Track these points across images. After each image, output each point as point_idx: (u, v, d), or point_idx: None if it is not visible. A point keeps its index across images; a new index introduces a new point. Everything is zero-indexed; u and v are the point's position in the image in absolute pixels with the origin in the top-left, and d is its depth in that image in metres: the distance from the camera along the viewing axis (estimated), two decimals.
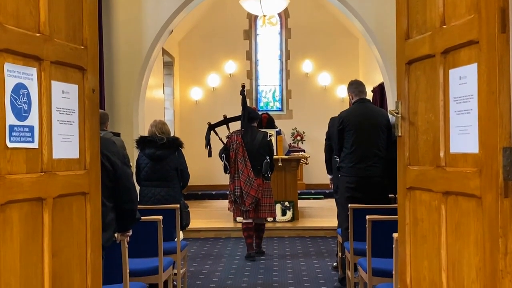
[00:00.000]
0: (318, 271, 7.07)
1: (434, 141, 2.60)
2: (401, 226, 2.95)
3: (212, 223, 10.13)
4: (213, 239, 9.35)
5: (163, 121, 6.30)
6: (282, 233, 9.57)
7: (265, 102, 15.67)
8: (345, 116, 5.97)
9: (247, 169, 7.75)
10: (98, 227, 2.91)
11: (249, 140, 7.82)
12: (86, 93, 2.83)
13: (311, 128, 14.71)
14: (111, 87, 8.75)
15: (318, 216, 10.67)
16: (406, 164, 2.86)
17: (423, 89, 2.71)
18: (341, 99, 14.65)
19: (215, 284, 6.49)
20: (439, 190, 2.56)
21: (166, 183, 6.03)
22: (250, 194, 7.70)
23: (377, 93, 11.60)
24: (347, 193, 5.85)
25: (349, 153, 5.86)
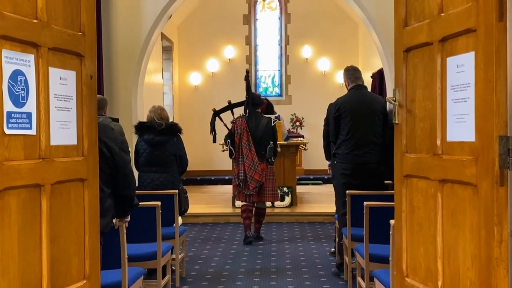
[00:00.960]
0: (316, 256, 7.11)
1: (431, 129, 2.61)
2: (397, 214, 2.96)
3: (211, 208, 10.16)
4: (212, 224, 9.38)
5: (162, 107, 6.29)
6: (280, 218, 9.60)
7: (264, 87, 15.65)
8: (341, 103, 5.97)
9: (251, 154, 7.80)
10: (96, 213, 2.93)
11: (253, 125, 7.86)
12: (84, 79, 2.83)
13: (310, 114, 14.71)
14: (110, 72, 8.74)
15: (317, 202, 10.70)
16: (403, 151, 2.87)
17: (420, 77, 2.71)
18: (341, 85, 14.61)
19: (213, 269, 6.53)
20: (436, 178, 2.57)
21: (165, 169, 6.05)
22: (254, 178, 7.76)
23: (376, 79, 11.59)
24: (343, 179, 5.87)
25: (345, 139, 5.87)
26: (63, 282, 2.67)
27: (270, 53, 15.59)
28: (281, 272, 6.38)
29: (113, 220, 3.72)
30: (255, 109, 7.99)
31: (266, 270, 6.45)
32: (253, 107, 7.98)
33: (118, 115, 8.24)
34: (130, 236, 4.25)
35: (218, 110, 8.51)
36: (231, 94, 11.76)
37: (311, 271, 6.38)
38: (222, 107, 8.62)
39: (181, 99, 15.05)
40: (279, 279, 6.08)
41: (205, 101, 14.15)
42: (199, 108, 14.47)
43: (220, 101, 9.21)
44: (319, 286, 5.81)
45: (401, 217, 2.92)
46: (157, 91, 12.83)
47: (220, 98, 11.85)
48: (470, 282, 2.37)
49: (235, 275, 6.27)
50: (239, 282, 5.98)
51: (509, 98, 2.15)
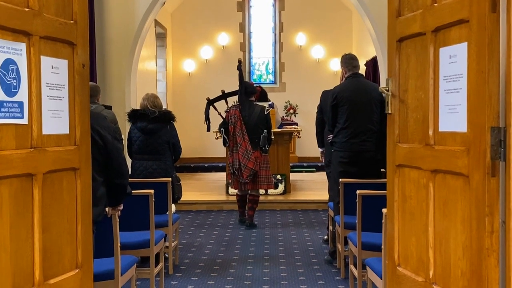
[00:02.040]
0: (309, 244, 7.13)
1: (424, 119, 2.61)
2: (389, 203, 2.97)
3: (205, 195, 10.17)
4: (205, 212, 9.39)
5: (155, 95, 6.28)
6: (274, 206, 9.62)
7: (258, 74, 15.63)
8: (339, 91, 5.95)
9: (245, 142, 7.87)
10: (88, 202, 2.92)
11: (247, 114, 7.92)
12: (76, 68, 2.82)
13: (304, 101, 14.71)
14: (103, 60, 8.70)
15: (310, 189, 10.72)
16: (395, 141, 2.87)
17: (413, 67, 2.71)
18: (334, 72, 14.61)
19: (206, 257, 6.54)
20: (428, 168, 2.57)
21: (158, 157, 6.04)
22: (247, 167, 7.82)
23: (370, 67, 11.58)
24: (341, 167, 5.87)
25: (342, 128, 5.86)
26: (55, 271, 2.67)
27: (264, 40, 15.54)
28: (274, 259, 6.40)
29: (106, 208, 3.71)
30: (249, 97, 8.04)
31: (259, 258, 6.47)
32: (246, 96, 8.03)
33: (111, 102, 8.21)
34: (123, 224, 4.25)
35: (212, 99, 8.57)
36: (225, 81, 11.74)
37: (304, 259, 6.41)
38: (215, 97, 8.66)
39: (174, 86, 15.01)
40: (272, 266, 6.11)
41: (199, 88, 14.12)
42: (193, 95, 14.44)
43: (214, 88, 9.19)
44: (312, 273, 5.83)
45: (393, 207, 2.93)
46: (151, 79, 12.78)
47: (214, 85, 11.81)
48: (461, 272, 2.38)
49: (228, 262, 6.29)
50: (232, 269, 6.00)
51: (501, 89, 2.15)
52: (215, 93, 8.98)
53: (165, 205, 5.69)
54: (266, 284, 5.48)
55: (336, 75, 14.16)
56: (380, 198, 4.39)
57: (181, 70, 15.12)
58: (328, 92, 6.46)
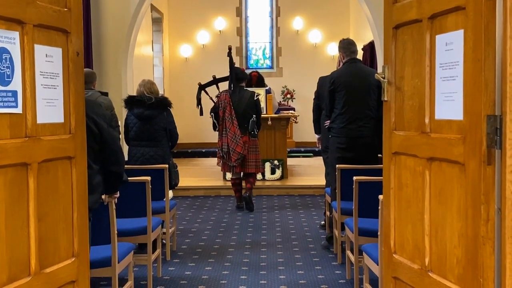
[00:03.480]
0: (306, 229, 7.15)
1: (420, 107, 2.60)
2: (385, 190, 2.97)
3: (202, 181, 10.18)
4: (203, 197, 9.41)
5: (152, 81, 6.26)
6: (271, 191, 9.63)
7: (255, 59, 15.59)
8: (336, 76, 5.94)
9: (233, 127, 7.98)
10: (84, 191, 2.92)
11: (236, 99, 8.04)
12: (70, 56, 2.80)
13: (301, 86, 14.68)
14: (99, 46, 8.66)
15: (307, 175, 10.73)
16: (391, 129, 2.87)
17: (410, 54, 2.69)
18: (332, 57, 14.57)
19: (204, 243, 6.56)
20: (424, 156, 2.57)
21: (155, 143, 6.05)
22: (236, 151, 7.96)
23: (367, 52, 11.55)
24: (338, 153, 5.87)
25: (340, 113, 5.86)
26: (51, 260, 2.67)
27: (261, 24, 15.49)
28: (271, 245, 6.42)
29: (102, 196, 3.72)
30: (239, 83, 8.16)
31: (256, 243, 6.49)
32: (237, 82, 8.15)
33: (107, 88, 8.20)
34: (120, 211, 4.26)
35: (203, 84, 8.62)
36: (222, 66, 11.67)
37: (301, 244, 6.43)
38: (207, 82, 8.69)
39: (171, 71, 14.97)
40: (269, 252, 6.13)
41: (196, 74, 14.07)
42: (189, 80, 14.38)
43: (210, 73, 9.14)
44: (309, 258, 5.85)
45: (389, 194, 2.93)
46: (147, 64, 12.75)
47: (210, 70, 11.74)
48: (456, 259, 2.39)
49: (225, 248, 6.31)
50: (229, 255, 6.02)
51: (497, 77, 2.14)
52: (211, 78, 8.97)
53: (162, 191, 5.69)
54: (263, 270, 5.50)
55: (333, 60, 14.11)
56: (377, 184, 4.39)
57: (178, 55, 15.07)
58: (325, 78, 6.45)
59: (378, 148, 5.84)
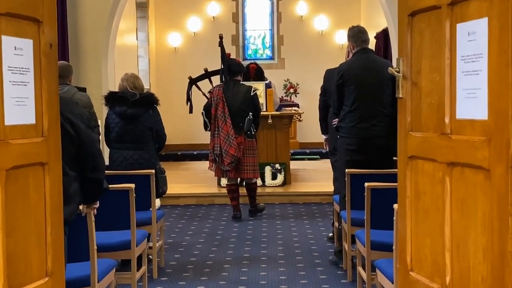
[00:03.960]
0: (312, 242, 7.16)
1: (439, 105, 2.61)
2: (401, 199, 2.98)
3: (193, 188, 10.19)
4: (194, 206, 9.42)
5: (136, 75, 6.27)
6: (272, 199, 9.64)
7: (254, 49, 15.60)
8: (345, 69, 5.94)
9: (226, 126, 8.02)
10: (59, 201, 2.92)
11: (230, 94, 8.08)
12: (43, 48, 2.80)
13: (306, 80, 14.69)
14: (75, 35, 8.67)
15: (313, 180, 10.75)
16: (407, 129, 2.88)
17: (427, 45, 2.70)
18: (340, 46, 14.59)
19: (196, 258, 6.56)
20: (444, 161, 2.58)
21: (140, 145, 6.05)
22: (229, 153, 7.98)
23: (381, 40, 11.56)
24: (347, 156, 5.87)
25: (350, 111, 5.86)
26: (21, 280, 2.67)
27: (260, 9, 15.50)
28: (273, 260, 6.43)
29: (80, 206, 3.72)
30: (233, 77, 8.20)
31: (255, 259, 6.49)
32: (230, 75, 8.18)
33: (85, 84, 8.20)
34: (100, 223, 4.25)
35: (194, 78, 8.64)
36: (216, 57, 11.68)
37: (306, 259, 6.43)
38: (198, 75, 8.71)
39: (158, 63, 14.98)
40: (270, 268, 6.13)
41: (186, 66, 14.07)
42: (179, 73, 14.37)
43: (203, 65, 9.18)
44: (315, 276, 5.86)
45: (405, 203, 2.94)
46: (131, 55, 12.76)
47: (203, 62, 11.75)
48: (481, 278, 2.39)
49: (220, 264, 6.32)
50: (225, 272, 6.03)
51: None
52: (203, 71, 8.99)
53: (148, 200, 5.70)
54: None
55: (342, 49, 14.10)
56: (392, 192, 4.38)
57: (166, 44, 15.08)
58: (332, 71, 6.45)
59: (393, 150, 5.84)
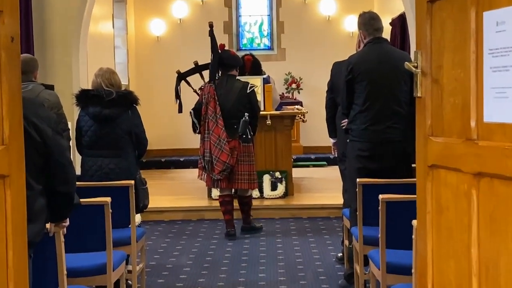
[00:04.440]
0: (318, 264, 7.18)
1: (464, 106, 2.62)
2: (420, 215, 2.98)
3: (180, 200, 10.19)
4: (181, 223, 9.42)
5: (112, 70, 6.28)
6: (271, 213, 9.64)
7: (249, 38, 15.62)
8: (355, 62, 5.96)
9: (218, 129, 8.06)
10: (22, 219, 2.91)
11: (223, 92, 8.13)
12: (3, 42, 2.80)
13: (311, 73, 14.71)
14: (42, 24, 8.67)
15: (320, 190, 10.76)
16: (427, 134, 2.88)
17: (450, 37, 2.70)
18: (350, 34, 14.62)
19: (183, 283, 6.58)
20: (469, 171, 2.58)
21: (117, 152, 6.06)
22: (220, 160, 8.01)
23: (397, 27, 11.58)
24: (359, 163, 5.88)
25: (361, 111, 5.87)
26: None
27: None
28: (272, 285, 6.44)
29: (47, 225, 3.72)
30: (227, 71, 8.27)
31: (252, 283, 6.51)
32: (224, 69, 8.27)
33: (53, 80, 8.20)
34: (70, 244, 4.26)
35: (183, 72, 8.65)
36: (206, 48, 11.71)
37: (311, 284, 6.45)
38: (187, 70, 8.73)
39: (138, 55, 14.98)
40: None
41: (171, 58, 14.10)
42: (163, 67, 14.41)
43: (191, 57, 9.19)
44: None
45: (425, 220, 2.94)
46: (106, 46, 12.76)
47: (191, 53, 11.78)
48: None
49: None
50: None
51: None
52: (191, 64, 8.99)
53: (126, 216, 5.70)
54: None
55: (352, 38, 14.12)
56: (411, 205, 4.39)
57: (147, 33, 15.10)
58: (341, 64, 6.48)
59: (412, 156, 5.85)
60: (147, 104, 7.72)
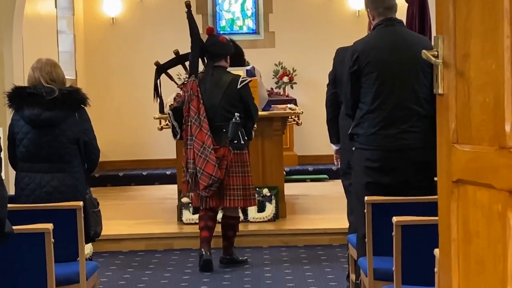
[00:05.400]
0: None
1: (496, 106, 2.62)
2: (443, 243, 2.99)
3: (143, 226, 10.16)
4: (144, 253, 9.38)
5: (54, 61, 6.27)
6: (258, 240, 9.62)
7: (229, 19, 15.64)
8: (362, 49, 5.96)
9: (202, 133, 8.03)
10: None
11: (208, 87, 8.15)
12: None
13: (307, 63, 14.73)
14: None
15: (319, 211, 10.76)
16: (451, 141, 2.89)
17: (478, 19, 2.72)
18: (356, 14, 14.66)
19: None
20: (504, 187, 2.59)
21: (61, 166, 6.04)
22: (205, 172, 7.97)
23: (415, 4, 11.59)
24: (368, 177, 5.89)
25: (369, 111, 5.88)
26: None
27: None
28: None
29: None
30: (214, 62, 8.27)
31: None
32: (209, 59, 8.30)
33: None
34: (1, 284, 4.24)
35: (163, 64, 8.63)
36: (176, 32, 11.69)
37: None
38: (168, 60, 8.71)
39: (88, 41, 14.96)
40: None
41: (130, 44, 14.13)
42: (119, 56, 14.42)
43: (156, 44, 9.21)
44: None
45: (449, 249, 2.95)
46: (47, 30, 12.72)
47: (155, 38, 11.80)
48: None
49: None
50: None
51: None
52: (159, 52, 9.01)
53: (73, 247, 5.68)
54: None
55: (359, 19, 14.17)
56: (433, 229, 4.42)
57: (99, 14, 15.09)
58: (346, 51, 6.47)
59: (434, 166, 5.87)
60: (100, 104, 7.68)
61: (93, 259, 6.44)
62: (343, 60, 6.51)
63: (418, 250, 4.68)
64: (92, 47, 14.94)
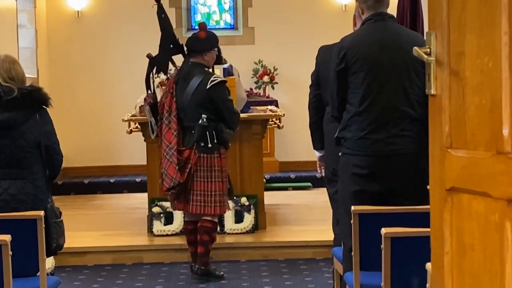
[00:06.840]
0: None
1: (493, 107, 2.63)
2: (436, 256, 2.99)
3: (110, 238, 10.14)
4: (111, 268, 9.37)
5: (13, 58, 6.27)
6: (236, 254, 9.63)
7: (205, 14, 15.64)
8: (350, 46, 5.98)
9: (169, 133, 8.23)
10: None
11: (180, 85, 8.31)
12: None
13: (289, 61, 14.76)
14: None
15: (302, 222, 10.76)
16: (444, 146, 2.89)
17: (474, 13, 2.72)
18: (343, 8, 14.69)
19: None
20: (502, 196, 2.59)
21: (20, 172, 6.03)
22: (168, 174, 8.16)
23: None
24: (355, 184, 5.90)
25: (358, 113, 5.90)
26: None
27: None
28: None
29: None
30: (190, 57, 8.39)
31: None
32: (188, 55, 8.43)
33: None
34: None
35: (155, 56, 8.68)
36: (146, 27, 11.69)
37: None
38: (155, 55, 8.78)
39: (51, 36, 14.94)
40: None
41: (97, 39, 14.10)
42: (85, 52, 14.40)
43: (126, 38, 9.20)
44: None
45: (442, 263, 2.95)
46: (6, 24, 12.70)
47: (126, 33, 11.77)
48: None
49: None
50: None
51: None
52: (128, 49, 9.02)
53: (33, 260, 5.66)
54: None
55: (346, 13, 14.20)
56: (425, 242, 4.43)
57: (63, 6, 15.06)
58: (330, 49, 6.49)
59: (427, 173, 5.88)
60: (63, 105, 7.67)
61: (55, 274, 6.43)
62: (327, 59, 6.51)
63: (408, 264, 4.70)
64: (55, 43, 14.90)
